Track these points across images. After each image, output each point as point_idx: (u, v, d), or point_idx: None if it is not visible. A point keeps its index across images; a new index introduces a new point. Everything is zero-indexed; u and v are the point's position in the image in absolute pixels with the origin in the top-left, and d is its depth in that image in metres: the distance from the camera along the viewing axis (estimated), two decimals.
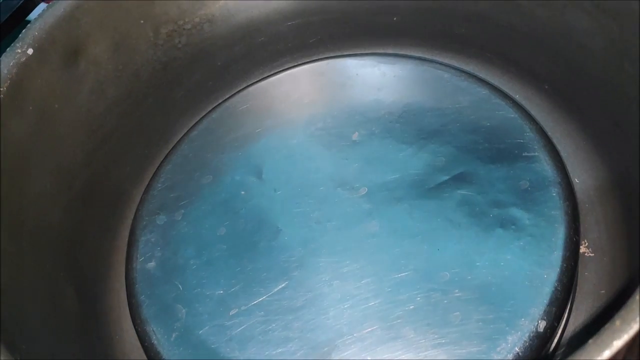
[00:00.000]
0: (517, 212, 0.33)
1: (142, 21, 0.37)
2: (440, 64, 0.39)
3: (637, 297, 0.16)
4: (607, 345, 0.15)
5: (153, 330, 0.32)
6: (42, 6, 0.45)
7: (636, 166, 0.31)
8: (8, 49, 0.32)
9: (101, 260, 0.36)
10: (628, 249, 0.31)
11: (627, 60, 0.29)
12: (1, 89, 0.31)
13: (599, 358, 0.15)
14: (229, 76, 0.42)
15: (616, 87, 0.30)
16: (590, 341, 0.16)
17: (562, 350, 0.30)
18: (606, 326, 0.16)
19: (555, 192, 0.33)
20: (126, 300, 0.34)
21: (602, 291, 0.31)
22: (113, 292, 0.36)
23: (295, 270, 0.33)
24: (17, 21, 0.42)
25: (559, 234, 0.32)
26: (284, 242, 0.34)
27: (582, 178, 0.35)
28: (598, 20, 0.29)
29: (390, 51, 0.41)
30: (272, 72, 0.42)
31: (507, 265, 0.31)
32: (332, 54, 0.42)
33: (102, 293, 0.35)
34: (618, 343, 0.15)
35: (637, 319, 0.15)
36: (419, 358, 0.29)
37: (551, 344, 0.30)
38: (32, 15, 0.45)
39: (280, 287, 0.32)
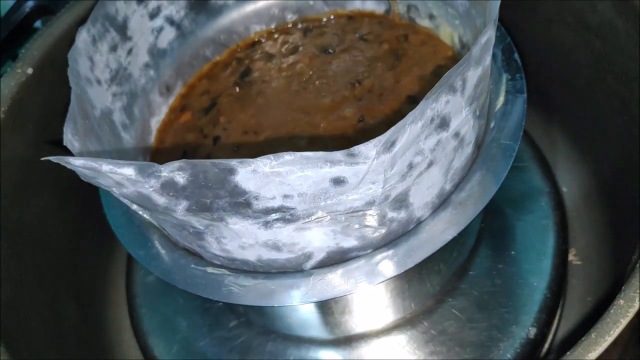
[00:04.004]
0: (507, 222, 0.33)
1: None
2: None
3: (612, 311, 0.16)
4: None
5: (155, 343, 0.33)
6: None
7: (620, 176, 0.31)
8: (9, 69, 0.32)
9: (100, 273, 0.37)
10: (613, 256, 0.32)
11: (610, 75, 0.29)
12: (2, 109, 0.31)
13: None
14: None
15: (600, 100, 0.31)
16: (567, 354, 0.16)
17: (551, 356, 0.31)
18: (582, 339, 0.16)
19: (544, 202, 0.34)
20: (127, 312, 0.35)
21: (589, 298, 0.32)
22: (113, 304, 0.37)
23: None
24: (17, 37, 0.42)
25: (549, 242, 0.32)
26: None
27: (570, 187, 0.36)
28: (582, 36, 0.30)
29: None
30: None
31: (498, 273, 0.32)
32: None
33: (102, 304, 0.36)
34: (592, 355, 0.16)
35: (613, 332, 0.16)
36: None
37: (541, 349, 0.31)
38: None
39: None
